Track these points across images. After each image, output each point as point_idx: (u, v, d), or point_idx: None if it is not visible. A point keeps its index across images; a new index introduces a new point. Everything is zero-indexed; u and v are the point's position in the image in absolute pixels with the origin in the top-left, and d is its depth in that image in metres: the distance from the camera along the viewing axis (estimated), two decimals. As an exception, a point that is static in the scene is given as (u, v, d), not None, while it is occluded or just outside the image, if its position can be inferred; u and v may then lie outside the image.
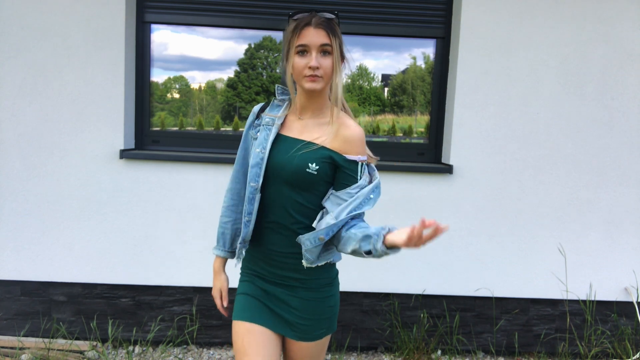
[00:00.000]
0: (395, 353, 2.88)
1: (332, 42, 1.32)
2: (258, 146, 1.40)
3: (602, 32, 2.73)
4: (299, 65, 1.33)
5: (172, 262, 2.80)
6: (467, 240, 2.83)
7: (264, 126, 1.43)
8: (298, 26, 1.33)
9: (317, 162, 1.34)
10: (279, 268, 1.44)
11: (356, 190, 1.35)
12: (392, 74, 3.08)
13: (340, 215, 1.32)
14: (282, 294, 1.44)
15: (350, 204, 1.33)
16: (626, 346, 2.88)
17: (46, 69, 2.66)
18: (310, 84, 1.33)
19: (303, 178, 1.35)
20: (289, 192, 1.38)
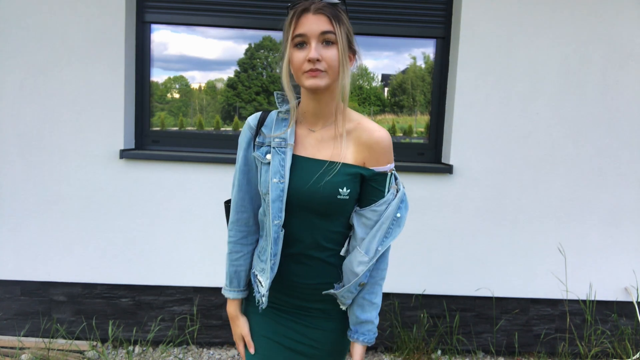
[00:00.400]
0: (395, 353, 2.88)
1: (335, 29, 1.11)
2: (275, 175, 1.17)
3: (602, 32, 2.73)
4: (297, 59, 1.11)
5: (172, 262, 2.80)
6: (467, 240, 2.83)
7: (276, 149, 1.19)
8: (295, 14, 1.12)
9: (347, 184, 1.16)
10: (301, 299, 1.28)
11: (383, 207, 1.19)
12: (392, 74, 3.08)
13: (369, 250, 1.19)
14: (299, 326, 1.29)
15: (378, 231, 1.19)
16: (626, 346, 2.88)
17: (46, 69, 2.66)
18: (312, 80, 1.10)
19: (335, 205, 1.18)
20: (317, 221, 1.20)
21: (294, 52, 1.12)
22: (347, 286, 1.21)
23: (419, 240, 2.82)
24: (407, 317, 2.92)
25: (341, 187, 1.16)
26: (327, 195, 1.16)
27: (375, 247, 1.19)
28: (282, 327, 1.30)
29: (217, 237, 2.78)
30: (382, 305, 2.87)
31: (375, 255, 1.19)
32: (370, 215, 1.20)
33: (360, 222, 1.21)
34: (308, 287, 1.25)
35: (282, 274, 1.24)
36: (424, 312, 2.90)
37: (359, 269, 1.19)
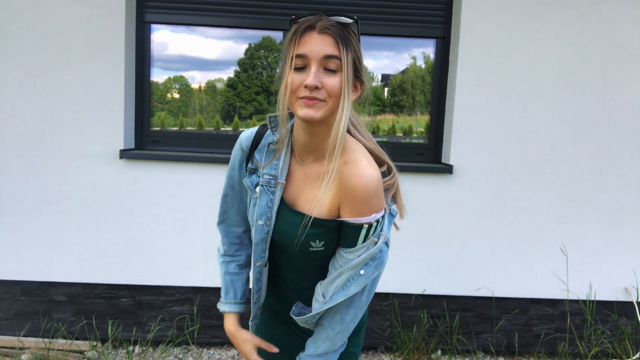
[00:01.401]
0: (395, 353, 2.88)
1: (341, 54, 0.95)
2: (260, 217, 1.08)
3: (602, 32, 2.73)
4: (294, 82, 0.95)
5: (172, 262, 2.80)
6: (467, 240, 2.83)
7: (265, 187, 1.08)
8: (298, 31, 0.97)
9: (321, 237, 1.05)
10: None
11: (351, 256, 1.04)
12: (391, 74, 3.08)
13: (326, 292, 1.08)
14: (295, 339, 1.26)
15: (337, 278, 1.06)
16: (626, 346, 2.88)
17: (46, 69, 2.66)
18: (306, 110, 0.94)
19: (310, 254, 1.08)
20: (304, 260, 1.12)
21: (292, 74, 0.96)
22: (301, 317, 1.12)
23: (418, 240, 2.82)
24: (407, 317, 2.92)
25: (313, 240, 1.05)
26: (301, 247, 1.06)
27: (330, 293, 1.07)
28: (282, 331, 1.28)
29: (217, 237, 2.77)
30: (382, 305, 2.87)
31: (329, 301, 1.06)
32: (338, 256, 1.07)
33: (334, 257, 1.10)
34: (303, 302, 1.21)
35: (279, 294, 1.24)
36: (424, 312, 2.90)
37: (315, 304, 1.10)
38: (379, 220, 1.02)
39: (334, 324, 1.09)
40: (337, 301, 1.05)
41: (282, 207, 1.08)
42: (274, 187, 1.07)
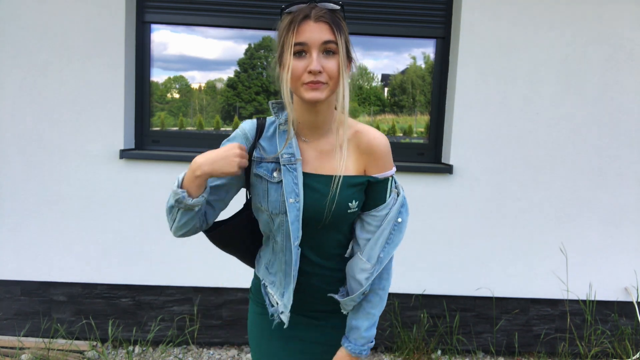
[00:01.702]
0: (395, 353, 2.88)
1: (337, 38, 1.04)
2: (290, 195, 1.11)
3: (602, 32, 2.73)
4: (297, 69, 1.04)
5: (172, 262, 2.80)
6: (467, 240, 2.83)
7: (287, 166, 1.12)
8: (294, 20, 1.03)
9: (355, 197, 1.14)
10: (313, 304, 1.26)
11: (384, 212, 1.16)
12: (391, 74, 3.08)
13: (371, 257, 1.16)
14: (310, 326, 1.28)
15: (380, 237, 1.15)
16: (626, 346, 2.88)
17: (46, 69, 2.66)
18: (313, 93, 1.04)
19: (346, 219, 1.16)
20: (325, 233, 1.17)
21: (292, 61, 1.04)
22: (351, 296, 1.19)
23: (418, 240, 2.82)
24: (407, 317, 2.92)
25: (350, 201, 1.13)
26: (339, 211, 1.13)
27: (377, 254, 1.15)
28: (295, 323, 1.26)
29: (217, 237, 2.78)
30: (382, 305, 2.87)
31: (377, 262, 1.15)
32: (371, 220, 1.17)
33: (362, 226, 1.18)
34: (319, 292, 1.23)
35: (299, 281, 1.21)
36: (424, 312, 2.90)
37: (361, 276, 1.17)
38: (393, 176, 1.18)
39: (383, 283, 1.20)
40: (389, 257, 1.16)
41: (306, 179, 1.13)
42: (294, 164, 1.12)
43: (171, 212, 1.18)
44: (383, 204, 1.16)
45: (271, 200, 1.14)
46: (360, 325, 1.22)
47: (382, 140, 1.16)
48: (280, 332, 1.27)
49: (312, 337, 1.27)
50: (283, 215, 1.13)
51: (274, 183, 1.13)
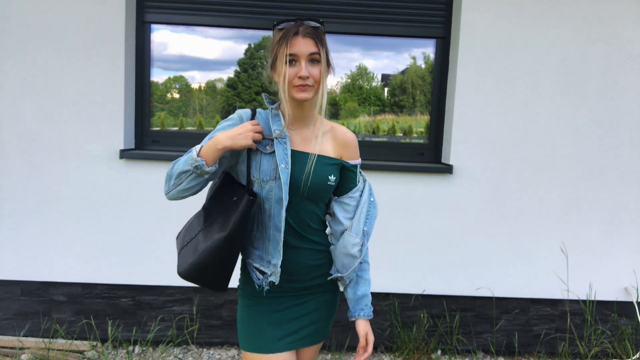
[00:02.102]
0: (395, 353, 2.88)
1: (320, 50, 1.31)
2: (282, 161, 1.33)
3: (602, 32, 2.73)
4: (290, 75, 1.30)
5: (172, 262, 2.78)
6: (467, 240, 2.83)
7: (278, 139, 1.35)
8: (286, 36, 1.29)
9: (333, 173, 1.40)
10: (299, 281, 1.44)
11: (358, 194, 1.45)
12: (391, 74, 3.08)
13: (358, 232, 1.42)
14: (298, 306, 1.46)
15: (361, 215, 1.43)
16: (626, 346, 2.88)
17: (46, 69, 2.66)
18: (302, 94, 1.31)
19: (324, 190, 1.40)
20: (306, 205, 1.39)
21: (285, 68, 1.29)
22: (352, 268, 1.43)
23: (418, 240, 2.82)
24: (407, 317, 2.92)
25: (329, 174, 1.39)
26: (320, 182, 1.37)
27: (362, 228, 1.42)
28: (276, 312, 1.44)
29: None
30: (382, 305, 2.88)
31: (364, 235, 1.42)
32: (349, 201, 1.44)
33: (341, 208, 1.45)
34: (305, 268, 1.43)
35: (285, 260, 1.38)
36: (424, 312, 2.90)
37: (355, 249, 1.41)
38: (359, 165, 1.48)
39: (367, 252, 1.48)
40: (372, 229, 1.44)
41: (293, 154, 1.37)
42: (285, 139, 1.37)
43: (179, 177, 1.35)
44: (355, 187, 1.45)
45: (263, 169, 1.35)
46: (366, 291, 1.48)
47: (352, 135, 1.48)
48: (271, 318, 1.43)
49: (301, 312, 1.46)
50: (273, 181, 1.34)
51: (267, 154, 1.35)
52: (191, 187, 1.39)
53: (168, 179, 1.38)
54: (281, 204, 1.34)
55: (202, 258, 1.37)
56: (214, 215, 1.42)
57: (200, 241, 1.39)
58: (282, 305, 1.44)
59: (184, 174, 1.34)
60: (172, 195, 1.41)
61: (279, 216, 1.35)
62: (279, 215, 1.35)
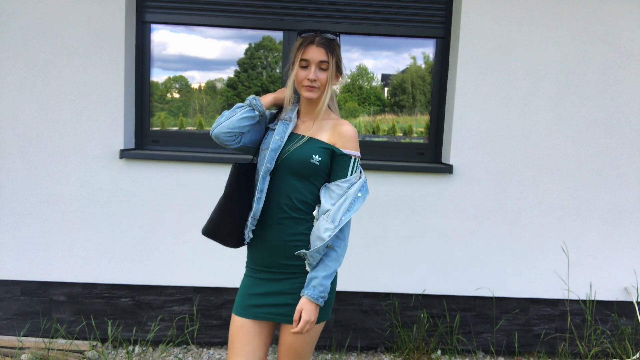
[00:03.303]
0: (395, 353, 2.88)
1: (329, 60, 1.56)
2: (277, 134, 1.60)
3: (602, 32, 2.73)
4: (300, 76, 1.58)
5: (172, 262, 2.80)
6: (467, 240, 2.84)
7: (283, 121, 1.64)
8: (303, 43, 1.57)
9: (319, 154, 1.56)
10: (279, 256, 1.60)
11: (347, 184, 1.56)
12: (391, 74, 3.08)
13: (335, 219, 1.52)
14: (282, 282, 1.60)
15: (343, 204, 1.54)
16: (626, 346, 2.88)
17: (46, 69, 2.66)
18: (308, 93, 1.58)
19: (307, 167, 1.56)
20: (293, 181, 1.58)
21: (299, 70, 1.58)
22: (316, 248, 1.51)
23: (419, 240, 2.82)
24: (407, 317, 2.92)
25: (314, 154, 1.56)
26: (303, 157, 1.56)
27: (340, 217, 1.53)
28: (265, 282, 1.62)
29: (217, 237, 2.77)
30: (382, 305, 2.88)
31: (339, 224, 1.52)
32: (335, 189, 1.56)
33: (327, 194, 1.57)
34: (285, 244, 1.58)
35: (264, 235, 1.61)
36: (424, 312, 2.90)
37: (326, 234, 1.51)
38: (357, 159, 1.60)
39: (339, 242, 1.55)
40: (347, 219, 1.53)
41: (291, 136, 1.62)
42: (289, 122, 1.64)
43: (234, 110, 1.62)
44: (345, 177, 1.57)
45: (266, 140, 1.64)
46: (318, 274, 1.54)
47: (350, 128, 1.62)
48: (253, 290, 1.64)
49: (272, 289, 1.61)
50: (267, 150, 1.60)
51: (272, 130, 1.65)
52: (241, 120, 1.60)
53: (220, 117, 1.62)
54: (268, 165, 1.57)
55: (212, 215, 1.67)
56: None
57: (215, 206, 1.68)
58: (259, 278, 1.63)
59: (239, 108, 1.61)
60: (221, 128, 1.60)
61: (264, 175, 1.58)
62: (265, 174, 1.58)
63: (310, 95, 1.58)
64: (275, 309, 1.60)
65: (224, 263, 2.78)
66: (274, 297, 1.60)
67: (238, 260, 2.81)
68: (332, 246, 1.55)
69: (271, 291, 1.61)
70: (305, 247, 1.57)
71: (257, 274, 1.65)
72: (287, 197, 1.58)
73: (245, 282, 1.69)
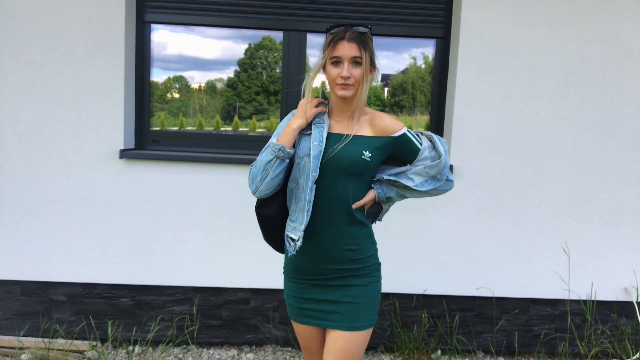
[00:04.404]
0: (395, 353, 2.88)
1: (362, 54, 1.47)
2: (315, 140, 1.53)
3: (602, 32, 2.73)
4: (333, 74, 1.50)
5: (172, 262, 2.80)
6: (467, 240, 2.83)
7: (316, 124, 1.56)
8: (333, 39, 1.48)
9: (369, 150, 1.53)
10: (331, 262, 1.57)
11: (431, 152, 1.60)
12: (392, 74, 3.08)
13: (443, 174, 1.67)
14: (333, 290, 1.58)
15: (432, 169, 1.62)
16: (626, 346, 2.88)
17: (46, 69, 2.66)
18: (342, 92, 1.50)
19: (358, 165, 1.52)
20: (344, 180, 1.53)
21: (330, 68, 1.50)
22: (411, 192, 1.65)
23: (419, 240, 2.82)
24: (407, 317, 2.92)
25: (364, 150, 1.52)
26: (353, 155, 1.51)
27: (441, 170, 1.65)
28: (317, 288, 1.59)
29: (217, 237, 2.78)
30: (382, 305, 2.88)
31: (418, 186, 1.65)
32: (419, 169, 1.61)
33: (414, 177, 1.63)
34: (336, 249, 1.55)
35: (314, 241, 1.55)
36: (424, 312, 2.90)
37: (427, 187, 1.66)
38: (409, 131, 1.59)
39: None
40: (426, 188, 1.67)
41: (331, 136, 1.56)
42: (323, 124, 1.57)
43: (265, 169, 1.51)
44: (419, 150, 1.58)
45: (301, 147, 1.54)
46: (391, 193, 1.64)
47: (386, 115, 1.61)
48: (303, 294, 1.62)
49: (327, 297, 1.58)
50: (307, 157, 1.51)
51: (306, 135, 1.55)
52: (277, 175, 1.52)
53: (253, 178, 1.54)
54: (310, 177, 1.50)
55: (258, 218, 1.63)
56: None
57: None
58: (307, 283, 1.61)
59: (268, 163, 1.51)
60: (261, 191, 1.54)
61: (306, 188, 1.51)
62: (307, 186, 1.50)
63: (345, 94, 1.50)
64: (328, 316, 1.59)
65: (224, 263, 2.78)
66: (325, 304, 1.59)
67: (238, 260, 2.82)
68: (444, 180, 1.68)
69: (322, 299, 1.59)
70: (360, 250, 1.59)
71: (304, 280, 1.63)
72: (342, 200, 1.54)
73: (293, 287, 1.66)
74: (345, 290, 1.57)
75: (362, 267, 1.59)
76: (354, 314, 1.55)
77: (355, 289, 1.57)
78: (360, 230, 1.59)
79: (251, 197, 1.64)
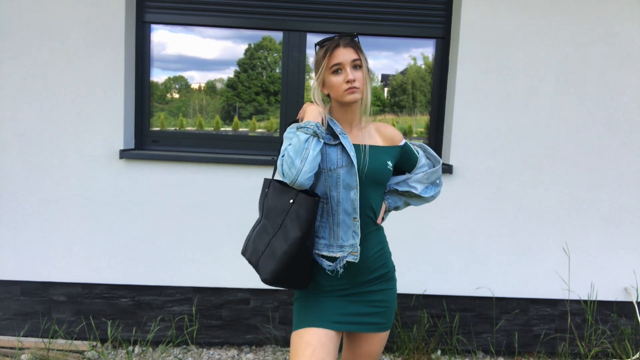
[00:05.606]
0: (395, 353, 2.88)
1: (360, 57, 1.48)
2: (350, 150, 1.48)
3: (602, 32, 2.73)
4: (337, 82, 1.47)
5: (172, 262, 2.80)
6: (467, 240, 2.83)
7: (341, 135, 1.50)
8: (329, 49, 1.47)
9: (390, 159, 1.56)
10: (364, 274, 1.55)
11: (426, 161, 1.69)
12: (391, 74, 3.08)
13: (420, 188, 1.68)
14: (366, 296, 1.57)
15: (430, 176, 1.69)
16: (626, 346, 2.88)
17: (46, 69, 2.66)
18: (351, 96, 1.46)
19: (385, 175, 1.55)
20: (373, 191, 1.53)
21: (332, 77, 1.47)
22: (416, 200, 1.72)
23: (419, 240, 2.82)
24: (407, 317, 2.91)
25: (387, 160, 1.55)
26: (380, 166, 1.52)
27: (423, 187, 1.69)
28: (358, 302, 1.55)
29: (217, 237, 2.78)
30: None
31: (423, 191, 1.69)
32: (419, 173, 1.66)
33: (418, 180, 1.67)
34: (369, 260, 1.54)
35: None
36: (424, 312, 2.90)
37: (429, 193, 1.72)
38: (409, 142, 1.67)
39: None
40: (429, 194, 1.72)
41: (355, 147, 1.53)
42: (345, 134, 1.52)
43: (305, 146, 1.39)
44: (417, 158, 1.66)
45: (330, 158, 1.47)
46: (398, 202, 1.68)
47: (392, 128, 1.64)
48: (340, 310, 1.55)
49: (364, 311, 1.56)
50: (340, 168, 1.47)
51: (332, 145, 1.48)
52: (317, 156, 1.40)
53: (291, 163, 1.37)
54: (349, 189, 1.47)
55: (284, 260, 1.41)
56: (277, 221, 1.47)
57: (276, 247, 1.44)
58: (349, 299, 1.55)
59: (306, 142, 1.39)
60: (305, 172, 1.37)
61: (347, 200, 1.47)
62: (348, 199, 1.47)
63: (355, 97, 1.46)
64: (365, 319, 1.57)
65: (224, 263, 2.78)
66: (364, 317, 1.56)
67: (238, 260, 2.81)
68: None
69: (363, 312, 1.56)
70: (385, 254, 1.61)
71: (344, 296, 1.55)
72: (371, 210, 1.54)
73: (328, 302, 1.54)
74: (380, 295, 1.59)
75: (388, 271, 1.62)
76: (386, 315, 1.61)
77: (388, 292, 1.61)
78: (381, 235, 1.62)
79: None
